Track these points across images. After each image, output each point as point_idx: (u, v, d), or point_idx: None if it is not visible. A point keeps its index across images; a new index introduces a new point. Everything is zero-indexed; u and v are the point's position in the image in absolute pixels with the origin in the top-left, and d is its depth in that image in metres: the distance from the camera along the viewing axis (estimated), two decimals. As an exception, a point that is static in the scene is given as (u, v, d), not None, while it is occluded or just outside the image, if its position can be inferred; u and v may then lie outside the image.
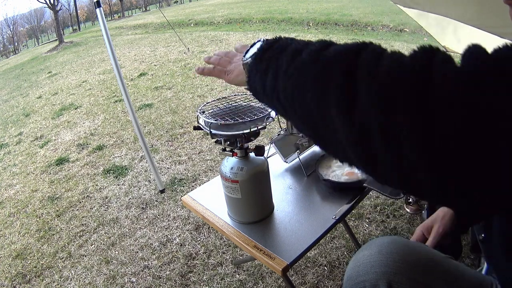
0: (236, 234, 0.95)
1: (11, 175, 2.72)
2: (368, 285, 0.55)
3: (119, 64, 1.88)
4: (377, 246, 0.59)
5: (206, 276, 1.44)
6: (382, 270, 0.55)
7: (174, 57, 5.91)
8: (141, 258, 1.59)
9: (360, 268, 0.57)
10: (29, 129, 3.72)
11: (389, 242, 0.59)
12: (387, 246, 0.58)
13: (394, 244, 0.58)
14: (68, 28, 43.96)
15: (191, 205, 1.11)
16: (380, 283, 0.54)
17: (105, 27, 1.78)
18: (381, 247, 0.58)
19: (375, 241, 0.61)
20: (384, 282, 0.54)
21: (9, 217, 2.15)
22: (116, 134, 3.06)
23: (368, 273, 0.56)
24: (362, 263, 0.58)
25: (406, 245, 0.58)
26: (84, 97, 4.49)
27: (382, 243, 0.59)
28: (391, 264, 0.55)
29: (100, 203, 2.09)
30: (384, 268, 0.55)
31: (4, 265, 1.72)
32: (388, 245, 0.58)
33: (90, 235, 1.82)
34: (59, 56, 9.91)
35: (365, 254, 0.59)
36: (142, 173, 2.35)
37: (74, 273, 1.58)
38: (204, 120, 0.90)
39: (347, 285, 0.59)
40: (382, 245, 0.58)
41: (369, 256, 0.58)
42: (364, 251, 0.60)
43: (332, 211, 0.97)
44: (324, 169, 1.15)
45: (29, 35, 53.54)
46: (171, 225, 1.79)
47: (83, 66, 6.88)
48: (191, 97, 3.67)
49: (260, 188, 0.96)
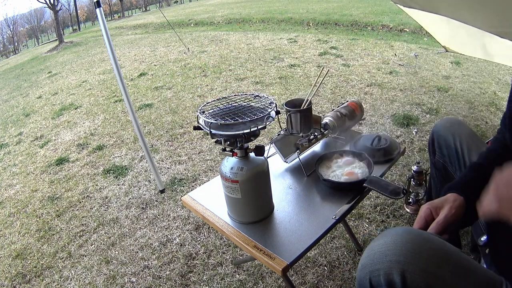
0: (236, 234, 0.95)
1: (11, 175, 2.72)
2: (382, 273, 0.56)
3: (119, 64, 1.88)
4: (392, 235, 0.59)
5: (206, 276, 1.44)
6: (396, 259, 0.56)
7: (174, 57, 5.90)
8: (141, 258, 1.59)
9: (375, 257, 0.58)
10: (29, 129, 3.71)
11: (403, 232, 0.59)
12: (401, 235, 0.58)
13: (408, 234, 0.59)
14: (68, 28, 43.96)
15: (191, 205, 1.11)
16: (393, 272, 0.55)
17: (105, 27, 1.78)
18: (396, 236, 0.59)
19: (390, 230, 0.62)
20: (397, 271, 0.55)
21: (9, 217, 2.15)
22: (116, 134, 3.06)
23: (382, 262, 0.57)
24: (377, 252, 0.58)
25: (420, 236, 0.59)
26: (84, 97, 4.49)
27: (397, 233, 0.59)
28: (405, 253, 0.56)
29: (100, 203, 2.09)
30: (398, 257, 0.56)
31: (4, 265, 1.72)
32: (402, 235, 0.58)
33: (90, 235, 1.82)
34: (59, 56, 9.91)
35: (380, 243, 0.59)
36: (142, 173, 2.35)
37: (74, 273, 1.58)
38: (204, 120, 0.90)
39: (361, 274, 0.60)
40: (397, 235, 0.59)
41: (384, 244, 0.58)
42: (379, 240, 0.60)
43: (332, 211, 0.97)
44: (324, 169, 1.15)
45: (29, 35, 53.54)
46: (171, 225, 1.79)
47: (83, 66, 6.88)
48: (191, 97, 3.67)
49: (260, 188, 0.96)
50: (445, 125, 1.07)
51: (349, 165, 1.14)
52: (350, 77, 3.65)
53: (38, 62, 10.09)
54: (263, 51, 5.33)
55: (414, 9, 2.58)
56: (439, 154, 1.07)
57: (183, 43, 6.52)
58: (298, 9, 10.46)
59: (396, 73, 3.66)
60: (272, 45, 5.73)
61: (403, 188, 0.99)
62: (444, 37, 2.89)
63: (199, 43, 6.93)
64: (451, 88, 3.14)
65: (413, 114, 2.64)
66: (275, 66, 4.42)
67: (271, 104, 0.93)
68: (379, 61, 4.17)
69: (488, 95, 2.95)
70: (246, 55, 5.21)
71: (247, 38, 6.62)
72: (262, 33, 7.04)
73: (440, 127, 1.07)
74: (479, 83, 3.24)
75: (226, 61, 5.00)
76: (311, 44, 5.40)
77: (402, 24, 6.20)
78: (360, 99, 3.02)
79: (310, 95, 1.15)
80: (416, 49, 4.65)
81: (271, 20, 9.05)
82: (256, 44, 5.94)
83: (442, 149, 1.05)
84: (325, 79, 3.57)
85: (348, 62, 4.26)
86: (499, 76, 3.41)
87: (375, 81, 3.46)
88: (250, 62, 4.76)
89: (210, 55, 5.59)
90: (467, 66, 3.79)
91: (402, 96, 3.03)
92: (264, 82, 3.84)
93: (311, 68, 4.16)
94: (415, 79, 3.45)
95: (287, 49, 5.32)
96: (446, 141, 1.03)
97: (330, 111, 1.36)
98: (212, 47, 6.26)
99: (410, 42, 5.10)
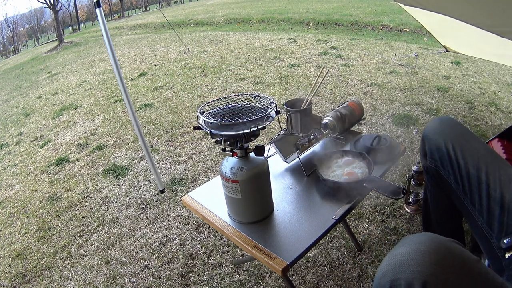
0: (236, 234, 0.95)
1: (11, 175, 2.72)
2: (403, 283, 0.56)
3: (119, 64, 1.88)
4: (415, 243, 0.59)
5: (206, 276, 1.44)
6: (418, 269, 0.55)
7: (174, 57, 5.90)
8: (141, 258, 1.59)
9: (397, 265, 0.58)
10: (29, 129, 3.71)
11: (426, 241, 0.59)
12: (424, 244, 0.58)
13: (431, 243, 0.58)
14: (68, 28, 43.93)
15: (191, 205, 1.11)
16: (415, 283, 0.55)
17: (105, 27, 1.78)
18: (419, 245, 0.58)
19: (412, 238, 0.61)
20: (419, 282, 0.54)
21: (9, 217, 2.15)
22: (116, 134, 3.06)
23: (404, 272, 0.56)
24: (399, 260, 0.58)
25: (443, 245, 0.59)
26: (84, 97, 4.49)
27: (420, 241, 0.59)
28: (428, 264, 0.55)
29: (100, 203, 2.09)
30: (421, 267, 0.55)
31: (4, 265, 1.72)
32: (425, 244, 0.58)
33: (90, 235, 1.82)
34: (59, 56, 9.91)
35: (402, 252, 0.59)
36: (142, 173, 2.35)
37: (74, 273, 1.58)
38: (204, 120, 0.90)
39: (381, 281, 0.59)
40: (420, 243, 0.58)
41: (407, 254, 0.58)
42: (401, 247, 0.60)
43: (332, 211, 0.97)
44: (324, 169, 1.15)
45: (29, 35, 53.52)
46: (171, 225, 1.79)
47: (83, 66, 6.88)
48: (191, 97, 3.67)
49: (260, 188, 0.96)
50: (435, 127, 1.00)
51: (349, 165, 1.14)
52: (350, 77, 3.65)
53: (38, 62, 10.09)
54: (263, 51, 5.33)
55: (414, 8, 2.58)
56: (430, 158, 1.01)
57: (183, 43, 6.52)
58: (298, 9, 10.46)
59: (396, 73, 3.66)
60: (272, 45, 5.73)
61: (403, 188, 0.98)
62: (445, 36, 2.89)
63: (199, 43, 6.93)
64: (451, 88, 3.14)
65: (413, 114, 2.64)
66: (275, 66, 4.42)
67: (271, 104, 0.93)
68: (379, 61, 4.17)
69: (488, 95, 2.94)
70: (246, 55, 5.21)
71: (247, 38, 6.62)
72: (262, 33, 7.03)
73: (430, 130, 1.01)
74: (479, 83, 3.23)
75: (226, 61, 5.00)
76: (311, 44, 5.40)
77: (402, 24, 6.20)
78: (360, 99, 3.02)
79: (310, 95, 1.15)
80: (416, 49, 4.65)
81: (271, 20, 9.04)
82: (256, 44, 5.94)
83: (433, 154, 0.99)
84: (325, 79, 3.57)
85: (348, 62, 4.26)
86: (499, 76, 3.41)
87: (375, 81, 3.46)
88: (250, 62, 4.76)
89: (210, 55, 5.59)
90: (467, 66, 3.79)
91: (402, 96, 3.03)
92: (264, 82, 3.84)
93: (311, 68, 4.16)
94: (415, 79, 3.45)
95: (287, 49, 5.32)
96: (436, 145, 0.98)
97: (330, 111, 1.36)
98: (212, 47, 6.26)
99: (410, 42, 5.10)
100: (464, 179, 0.91)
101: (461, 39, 2.55)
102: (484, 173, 0.87)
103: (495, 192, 0.84)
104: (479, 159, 0.90)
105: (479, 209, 0.87)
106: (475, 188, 0.88)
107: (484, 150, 0.92)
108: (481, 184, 0.87)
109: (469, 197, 0.90)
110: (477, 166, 0.89)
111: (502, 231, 0.81)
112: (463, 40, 2.54)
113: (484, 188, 0.86)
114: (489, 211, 0.84)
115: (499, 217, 0.82)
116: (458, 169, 0.93)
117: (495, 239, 0.82)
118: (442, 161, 0.97)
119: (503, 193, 0.82)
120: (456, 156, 0.93)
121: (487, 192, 0.85)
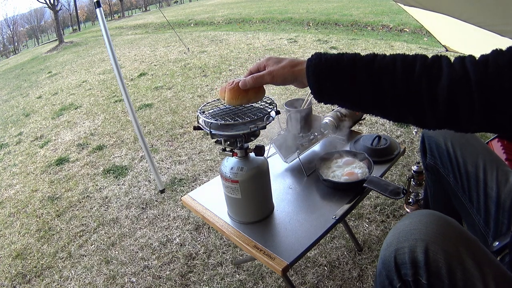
0: (236, 234, 0.95)
1: (11, 175, 2.72)
2: (407, 251, 0.58)
3: (119, 64, 1.88)
4: (417, 216, 0.62)
5: (206, 276, 1.44)
6: (421, 237, 0.58)
7: (174, 57, 5.90)
8: (141, 258, 1.59)
9: (401, 235, 0.60)
10: (29, 129, 3.71)
11: (428, 214, 0.62)
12: (426, 216, 0.61)
13: (433, 216, 0.61)
14: (68, 28, 43.95)
15: (191, 205, 1.11)
16: (418, 249, 0.57)
17: (105, 27, 1.78)
18: (421, 217, 0.61)
19: (415, 212, 0.65)
20: (421, 248, 0.57)
21: (9, 217, 2.15)
22: (116, 134, 3.06)
23: (408, 240, 0.59)
24: (403, 231, 0.60)
25: (443, 218, 0.62)
26: (84, 97, 4.49)
27: (422, 214, 0.62)
28: (430, 233, 0.58)
29: (100, 203, 2.09)
30: (423, 236, 0.58)
31: (4, 265, 1.72)
32: (427, 216, 0.61)
33: (90, 235, 1.82)
34: (59, 56, 9.91)
35: (405, 223, 0.62)
36: (142, 173, 2.34)
37: (74, 273, 1.58)
38: (204, 120, 0.90)
39: (386, 252, 0.61)
40: (422, 215, 0.62)
41: (410, 224, 0.61)
42: (404, 220, 0.63)
43: (332, 211, 0.97)
44: (324, 169, 1.15)
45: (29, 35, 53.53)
46: (171, 225, 1.79)
47: (83, 66, 6.88)
48: (191, 97, 3.67)
49: (260, 188, 0.96)
50: None
51: (349, 165, 1.14)
52: (350, 77, 3.64)
53: (38, 62, 10.09)
54: (263, 51, 5.33)
55: (414, 8, 2.58)
56: (430, 156, 1.03)
57: (183, 43, 6.52)
58: (298, 9, 10.46)
59: (396, 73, 3.65)
60: (272, 45, 5.73)
61: (403, 188, 0.98)
62: (445, 36, 2.89)
63: (199, 43, 6.93)
64: (451, 88, 3.14)
65: (413, 114, 2.64)
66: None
67: (271, 104, 0.93)
68: (379, 61, 4.16)
69: (488, 95, 2.94)
70: (246, 55, 5.21)
71: (247, 38, 6.62)
72: (262, 33, 7.03)
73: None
74: (479, 83, 3.23)
75: (226, 61, 5.00)
76: (311, 44, 5.40)
77: (402, 24, 6.19)
78: (360, 99, 3.01)
79: (310, 95, 1.15)
80: (416, 49, 4.64)
81: (271, 20, 9.05)
82: (256, 44, 5.94)
83: (433, 151, 1.01)
84: (325, 79, 3.56)
85: (348, 62, 4.25)
86: (499, 76, 3.40)
87: (375, 81, 3.45)
88: (250, 62, 4.75)
89: (210, 55, 5.59)
90: (467, 66, 3.78)
91: (402, 96, 3.02)
92: (264, 82, 3.83)
93: (311, 68, 4.15)
94: (415, 79, 3.44)
95: (287, 49, 5.32)
96: (436, 143, 0.99)
97: (330, 111, 1.36)
98: (212, 47, 6.26)
99: (410, 42, 5.10)
100: (463, 177, 0.92)
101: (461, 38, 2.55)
102: (482, 172, 0.88)
103: (492, 191, 0.85)
104: (478, 157, 0.91)
105: (477, 207, 0.88)
106: (473, 186, 0.89)
107: (483, 149, 0.93)
108: (479, 182, 0.88)
109: (468, 195, 0.91)
110: (476, 165, 0.90)
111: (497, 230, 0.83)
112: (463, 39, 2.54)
113: (482, 186, 0.87)
114: (486, 209, 0.86)
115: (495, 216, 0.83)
116: (457, 167, 0.94)
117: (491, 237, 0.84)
118: (442, 158, 0.98)
119: (500, 193, 0.84)
120: (455, 154, 0.94)
121: (485, 190, 0.87)
